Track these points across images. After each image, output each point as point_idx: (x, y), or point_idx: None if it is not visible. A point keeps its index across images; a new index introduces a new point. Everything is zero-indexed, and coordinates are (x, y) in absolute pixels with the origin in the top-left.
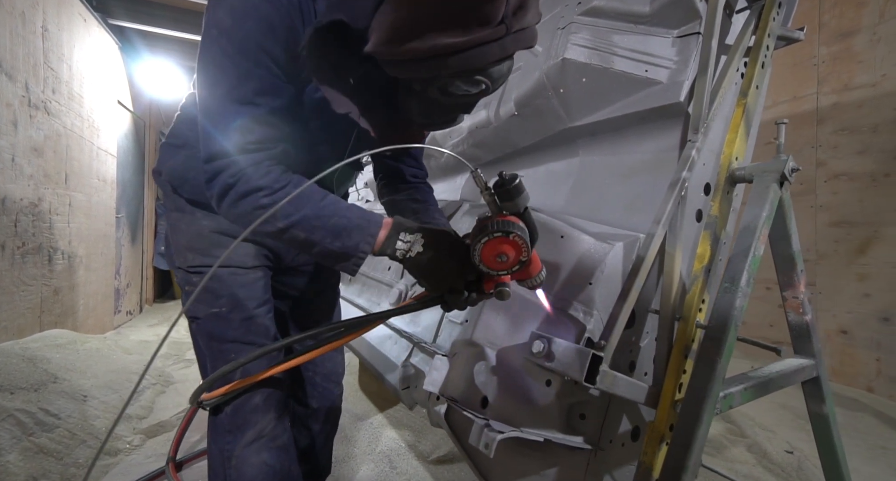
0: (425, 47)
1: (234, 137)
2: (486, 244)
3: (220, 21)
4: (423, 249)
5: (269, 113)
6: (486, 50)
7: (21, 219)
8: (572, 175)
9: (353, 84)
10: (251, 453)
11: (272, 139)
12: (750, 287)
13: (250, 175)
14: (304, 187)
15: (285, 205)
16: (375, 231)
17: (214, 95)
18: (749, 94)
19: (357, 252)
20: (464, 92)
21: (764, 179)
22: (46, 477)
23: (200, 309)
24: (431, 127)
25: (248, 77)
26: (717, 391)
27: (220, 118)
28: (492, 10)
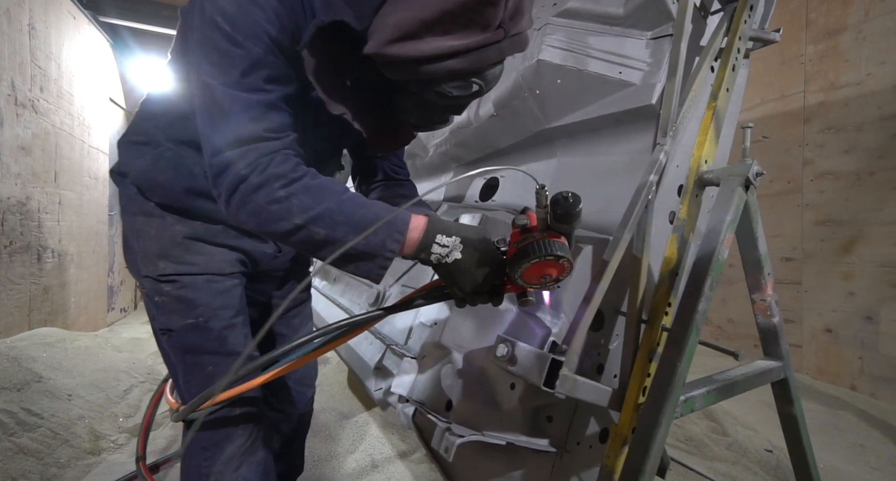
0: (425, 49)
1: (245, 126)
2: (534, 265)
3: (223, 7)
4: (462, 256)
5: (280, 100)
6: (485, 53)
7: (8, 218)
8: (550, 176)
9: (350, 85)
10: (230, 469)
11: (285, 127)
12: (713, 291)
13: (267, 163)
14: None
15: (304, 198)
16: (404, 228)
17: (221, 83)
18: (719, 97)
19: (384, 251)
20: (459, 93)
21: (729, 183)
22: (26, 477)
23: (174, 320)
24: (424, 127)
25: (258, 64)
26: (676, 394)
27: (229, 107)
28: (491, 15)
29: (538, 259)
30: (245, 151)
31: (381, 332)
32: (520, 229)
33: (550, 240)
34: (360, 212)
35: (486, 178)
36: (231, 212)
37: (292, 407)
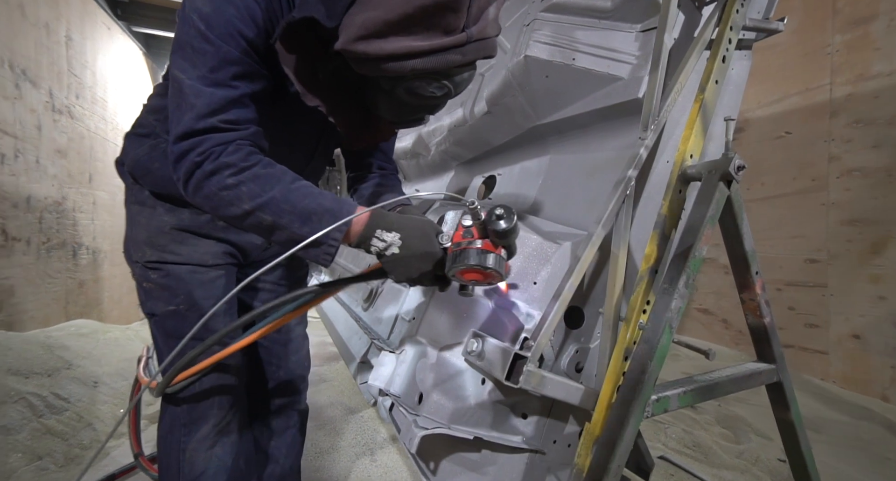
0: (389, 48)
1: (203, 118)
2: (465, 271)
3: (199, 6)
4: (400, 251)
5: (247, 96)
6: (447, 56)
7: (45, 217)
8: (542, 173)
9: (325, 79)
10: (204, 447)
11: (245, 120)
12: (689, 289)
13: (220, 153)
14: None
15: (252, 185)
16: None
17: (190, 77)
18: (707, 90)
19: (328, 239)
20: (429, 93)
21: (710, 178)
22: (51, 455)
23: (158, 306)
24: (399, 125)
25: (226, 61)
26: (647, 393)
27: (194, 99)
28: (454, 20)
29: (467, 267)
30: (201, 140)
31: (368, 327)
32: (464, 230)
33: (485, 251)
34: (304, 201)
35: (485, 176)
36: (188, 196)
37: (282, 400)
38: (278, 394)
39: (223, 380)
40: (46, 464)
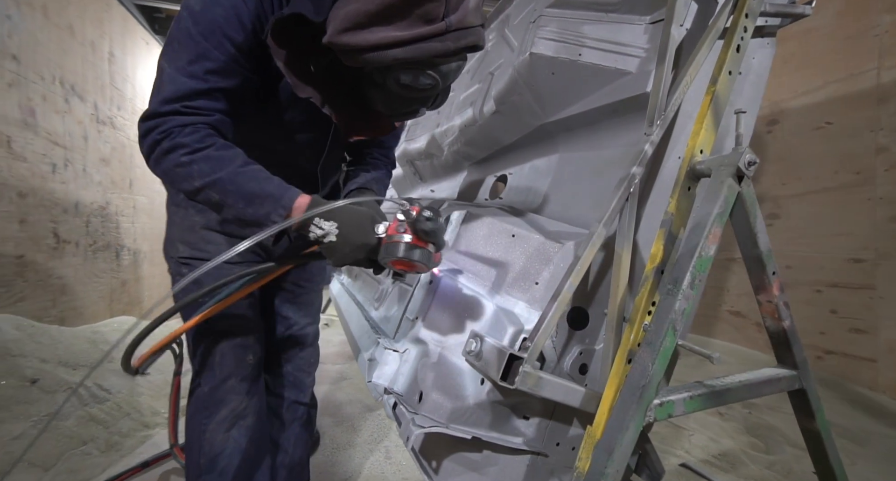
0: (371, 39)
1: (171, 102)
2: (396, 262)
3: (191, 5)
4: (337, 239)
5: (215, 90)
6: (428, 45)
7: (91, 221)
8: (552, 171)
9: (318, 72)
10: (222, 429)
11: (210, 109)
12: (695, 290)
13: (177, 134)
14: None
15: (203, 165)
16: (289, 204)
17: (170, 66)
18: (719, 82)
19: (267, 221)
20: (417, 85)
21: (719, 173)
22: (94, 441)
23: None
24: (394, 117)
25: (203, 57)
26: (648, 397)
27: (167, 85)
28: (433, 9)
29: (395, 259)
30: (162, 121)
31: (377, 326)
32: (397, 223)
33: (413, 246)
34: (249, 184)
35: (497, 175)
36: (151, 169)
37: (289, 393)
38: (287, 387)
39: (241, 370)
40: (90, 450)
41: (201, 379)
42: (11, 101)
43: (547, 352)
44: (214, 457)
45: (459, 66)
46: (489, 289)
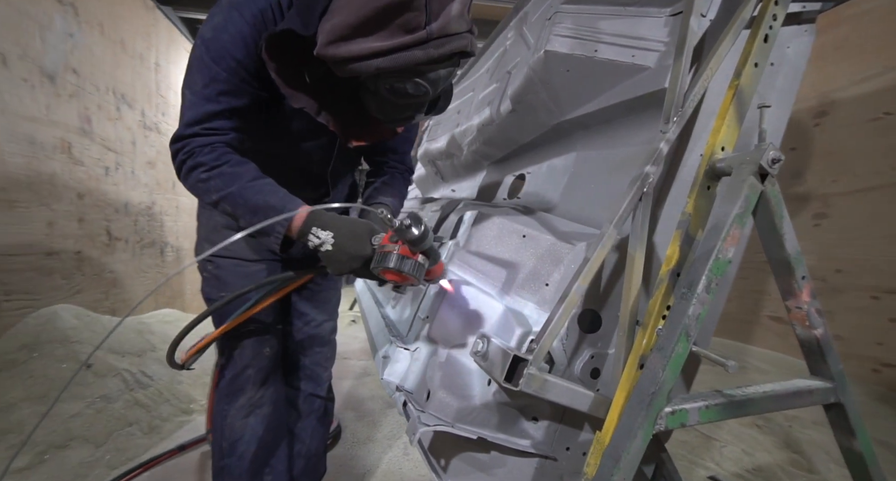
0: (354, 50)
1: (192, 125)
2: (384, 271)
3: (204, 34)
4: (332, 248)
5: (228, 110)
6: (409, 54)
7: (139, 220)
8: (569, 171)
9: (314, 82)
10: (241, 415)
11: (226, 128)
12: (711, 294)
13: (198, 153)
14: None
15: (218, 181)
16: (290, 216)
17: (189, 93)
18: (743, 75)
19: (274, 231)
20: (407, 92)
21: (740, 172)
22: (138, 423)
23: (211, 292)
24: (390, 123)
25: (215, 80)
26: (658, 404)
27: (188, 110)
28: (413, 18)
29: (385, 269)
30: (186, 143)
31: (392, 325)
32: (391, 235)
33: (403, 257)
34: (255, 197)
35: (516, 175)
36: (182, 184)
37: (305, 385)
38: (304, 380)
39: (258, 361)
40: (134, 431)
41: (225, 370)
42: (72, 111)
43: (557, 354)
44: (234, 442)
45: (449, 72)
46: (499, 290)
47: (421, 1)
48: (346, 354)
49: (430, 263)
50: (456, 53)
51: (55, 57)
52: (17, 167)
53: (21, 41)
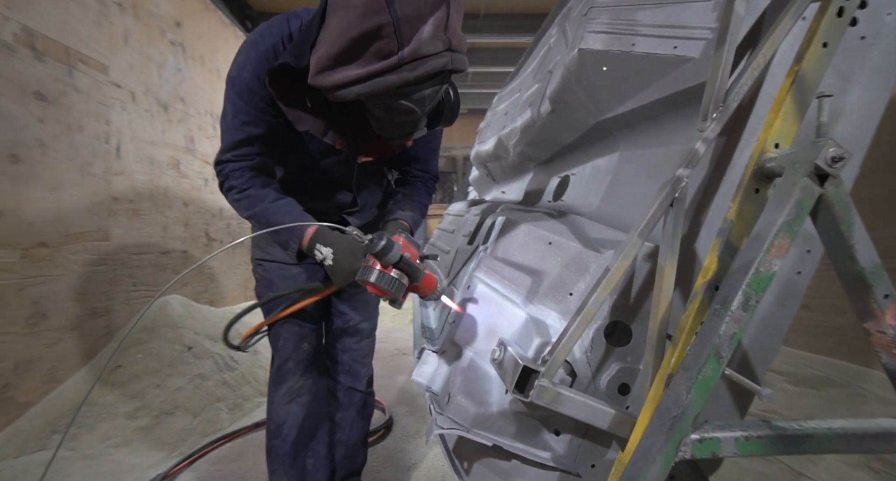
0: (336, 78)
1: (225, 152)
2: (366, 284)
3: (231, 72)
4: (333, 263)
5: (251, 137)
6: (384, 79)
7: (231, 223)
8: (611, 172)
9: (316, 107)
10: (283, 401)
11: (251, 154)
12: (749, 312)
13: (232, 177)
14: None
15: (246, 202)
16: (301, 234)
17: (223, 123)
18: (806, 58)
19: (288, 245)
20: (399, 111)
21: (792, 173)
22: (224, 401)
23: (261, 292)
24: (392, 140)
25: (240, 112)
26: (681, 429)
27: (222, 139)
28: (385, 45)
29: (364, 282)
30: (223, 167)
31: (427, 326)
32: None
33: (381, 273)
34: (273, 218)
35: (561, 176)
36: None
37: (344, 378)
38: (343, 374)
39: (297, 355)
40: (221, 407)
41: (273, 361)
42: (179, 134)
43: (580, 367)
44: (280, 426)
45: (435, 90)
46: (524, 298)
47: (389, 28)
48: (404, 350)
49: (409, 280)
50: (432, 74)
51: (168, 89)
52: (142, 182)
53: (143, 79)
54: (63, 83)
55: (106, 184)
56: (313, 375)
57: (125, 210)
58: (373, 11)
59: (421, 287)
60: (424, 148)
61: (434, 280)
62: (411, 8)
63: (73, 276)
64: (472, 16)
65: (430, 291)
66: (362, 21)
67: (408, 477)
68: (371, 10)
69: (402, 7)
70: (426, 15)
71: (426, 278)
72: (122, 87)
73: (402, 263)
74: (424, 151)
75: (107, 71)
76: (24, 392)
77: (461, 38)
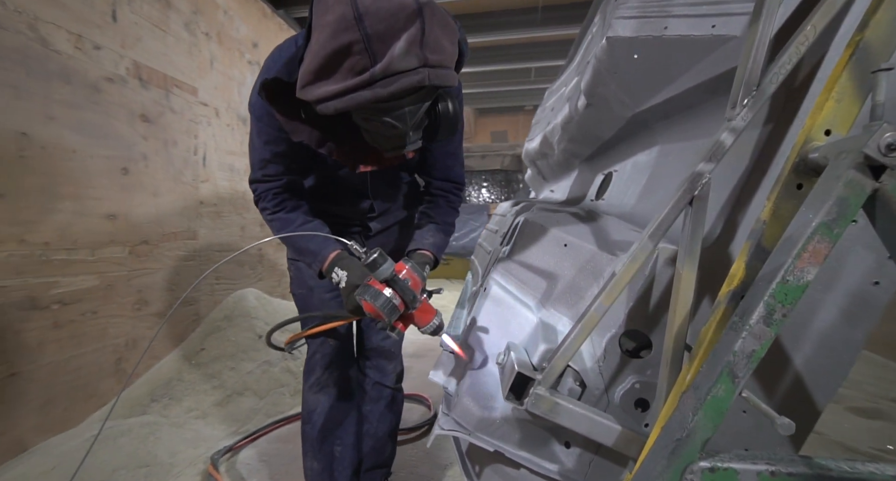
0: (316, 93)
1: (255, 171)
2: (363, 300)
3: (250, 97)
4: (345, 285)
5: (274, 155)
6: (358, 95)
7: None
8: (651, 167)
9: (311, 119)
10: (313, 391)
11: (278, 173)
12: (773, 327)
13: (264, 198)
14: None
15: (276, 224)
16: (323, 259)
17: (251, 144)
18: (871, 26)
19: (312, 267)
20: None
21: (836, 165)
22: (287, 386)
23: (295, 289)
24: (385, 151)
25: (261, 132)
26: (686, 455)
27: (252, 160)
28: (356, 62)
29: (364, 299)
30: (256, 187)
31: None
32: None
33: (378, 292)
34: (299, 242)
35: (604, 173)
36: None
37: (374, 373)
38: (371, 369)
39: (323, 349)
40: (283, 391)
41: (307, 353)
42: None
43: (591, 378)
44: (310, 412)
45: (418, 108)
46: (538, 301)
47: (360, 45)
48: None
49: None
50: (409, 91)
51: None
52: (223, 188)
53: (226, 97)
54: (162, 105)
55: (194, 191)
56: (340, 368)
57: (210, 212)
58: (342, 29)
59: (415, 316)
60: (441, 152)
61: (432, 312)
62: (383, 25)
63: (168, 270)
64: (530, 10)
65: (424, 323)
66: (334, 39)
67: (443, 475)
68: (341, 28)
69: (373, 24)
70: (399, 31)
71: (423, 307)
72: (208, 106)
73: (395, 283)
74: (442, 156)
75: (196, 92)
76: (132, 365)
77: (445, 53)
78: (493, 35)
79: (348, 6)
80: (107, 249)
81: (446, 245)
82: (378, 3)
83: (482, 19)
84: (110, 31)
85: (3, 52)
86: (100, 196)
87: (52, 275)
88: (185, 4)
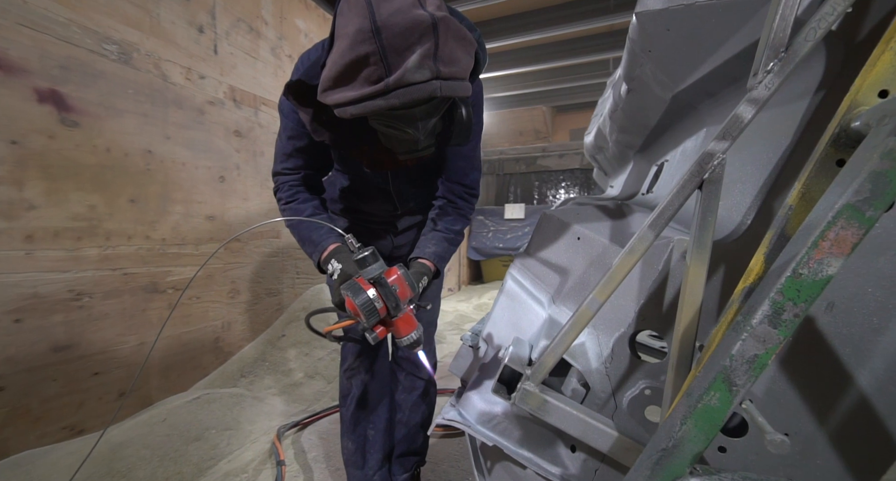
0: (335, 98)
1: (277, 164)
2: (346, 295)
3: (280, 97)
4: (337, 277)
5: (296, 150)
6: (373, 103)
7: None
8: (696, 154)
9: (329, 120)
10: (345, 377)
11: (298, 167)
12: (781, 330)
13: (281, 189)
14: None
15: (288, 213)
16: (322, 250)
17: (277, 138)
18: None
19: (312, 256)
20: (396, 132)
21: (876, 133)
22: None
23: (328, 280)
24: (399, 154)
25: (286, 128)
26: (672, 468)
27: (276, 154)
28: (372, 72)
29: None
30: (276, 179)
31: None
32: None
33: (362, 289)
34: (304, 232)
35: (658, 164)
36: None
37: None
38: (404, 361)
39: (354, 335)
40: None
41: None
42: None
43: (595, 379)
44: (345, 396)
45: (429, 115)
46: (550, 297)
47: (376, 56)
48: None
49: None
50: (421, 101)
51: None
52: None
53: None
54: (251, 122)
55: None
56: (370, 357)
57: None
58: (360, 41)
59: (396, 324)
60: (455, 154)
61: (414, 325)
62: (399, 38)
63: (255, 264)
64: None
65: (402, 334)
66: (352, 49)
67: None
68: (359, 39)
69: (389, 37)
70: (413, 44)
71: (405, 318)
72: None
73: (380, 284)
74: (455, 158)
75: None
76: (227, 344)
77: (458, 65)
78: (565, 28)
79: (367, 19)
80: (207, 245)
81: (451, 255)
82: (395, 17)
83: (551, 13)
84: (212, 62)
85: (137, 88)
86: (202, 200)
87: (168, 265)
88: (272, 32)
